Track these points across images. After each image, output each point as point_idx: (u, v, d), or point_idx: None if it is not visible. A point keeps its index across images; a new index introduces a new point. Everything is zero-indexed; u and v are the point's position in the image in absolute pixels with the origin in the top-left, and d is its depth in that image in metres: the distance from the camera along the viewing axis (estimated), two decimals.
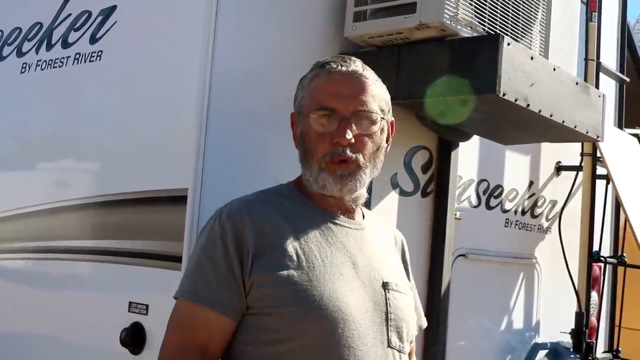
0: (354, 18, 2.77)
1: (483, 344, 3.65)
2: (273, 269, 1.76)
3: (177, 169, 2.38)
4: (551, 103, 2.77)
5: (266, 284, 1.75)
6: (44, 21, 2.99)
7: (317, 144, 1.87)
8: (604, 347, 4.55)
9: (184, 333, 1.80)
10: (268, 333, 1.75)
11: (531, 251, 3.94)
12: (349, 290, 1.80)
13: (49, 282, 2.83)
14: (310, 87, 1.93)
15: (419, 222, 3.13)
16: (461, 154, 3.24)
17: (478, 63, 2.55)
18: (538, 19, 2.98)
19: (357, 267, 1.86)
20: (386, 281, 1.89)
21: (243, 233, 1.79)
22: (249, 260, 1.77)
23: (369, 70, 1.94)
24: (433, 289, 3.11)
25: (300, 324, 1.74)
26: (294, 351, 1.74)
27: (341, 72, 1.90)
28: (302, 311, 1.74)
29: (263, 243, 1.79)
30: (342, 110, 1.86)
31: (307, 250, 1.82)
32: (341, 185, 1.86)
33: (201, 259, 1.82)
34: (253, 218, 1.83)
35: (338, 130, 1.85)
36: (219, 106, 2.38)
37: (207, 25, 2.40)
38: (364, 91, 1.89)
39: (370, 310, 1.83)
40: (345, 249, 1.88)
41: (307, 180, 1.91)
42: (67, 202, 2.72)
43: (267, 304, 1.75)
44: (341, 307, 1.76)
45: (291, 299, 1.74)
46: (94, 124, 2.72)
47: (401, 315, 1.89)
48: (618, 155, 4.21)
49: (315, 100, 1.89)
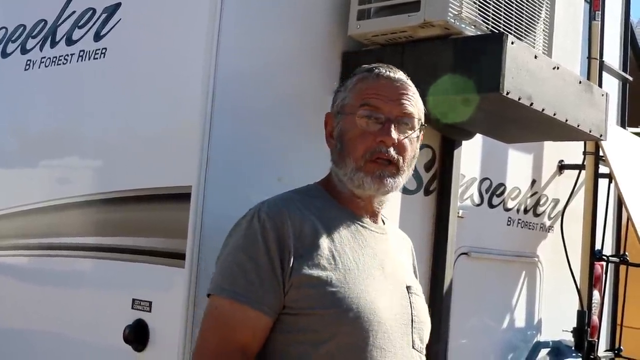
0: (358, 16, 2.77)
1: (485, 342, 3.66)
2: (312, 271, 1.78)
3: (182, 166, 2.39)
4: (554, 102, 2.77)
5: (306, 284, 1.77)
6: (48, 18, 2.99)
7: (357, 143, 1.89)
8: (605, 345, 4.55)
9: (224, 332, 1.79)
10: (307, 334, 1.77)
11: (533, 250, 3.94)
12: (380, 294, 1.84)
13: (52, 279, 2.83)
14: (356, 88, 1.96)
15: (422, 221, 3.13)
16: (464, 152, 3.24)
17: (482, 62, 2.55)
18: (541, 17, 2.98)
19: (385, 270, 1.91)
20: (409, 285, 1.96)
21: (284, 233, 1.80)
22: (290, 260, 1.78)
23: (410, 80, 1.98)
24: (435, 287, 3.12)
25: (337, 326, 1.76)
26: (331, 351, 1.76)
27: (389, 77, 1.94)
28: (340, 313, 1.76)
29: (303, 244, 1.81)
30: (387, 112, 1.90)
31: (342, 252, 1.84)
32: (379, 186, 1.89)
33: (240, 258, 1.81)
34: (292, 218, 1.84)
35: (382, 130, 1.88)
36: (223, 103, 2.38)
37: (211, 22, 2.40)
38: (407, 97, 1.93)
39: (399, 313, 1.87)
40: (374, 252, 1.91)
41: (340, 179, 1.93)
42: (71, 199, 2.72)
43: (306, 304, 1.77)
44: (375, 310, 1.80)
45: (330, 301, 1.76)
46: (98, 121, 2.72)
47: (422, 318, 1.95)
48: (621, 154, 4.21)
49: (362, 99, 1.92)
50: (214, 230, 2.18)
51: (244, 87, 2.48)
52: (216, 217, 2.27)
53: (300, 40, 2.70)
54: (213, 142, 2.35)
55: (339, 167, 1.93)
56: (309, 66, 2.72)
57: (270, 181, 2.45)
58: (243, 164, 2.44)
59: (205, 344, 1.81)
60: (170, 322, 2.32)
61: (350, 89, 1.97)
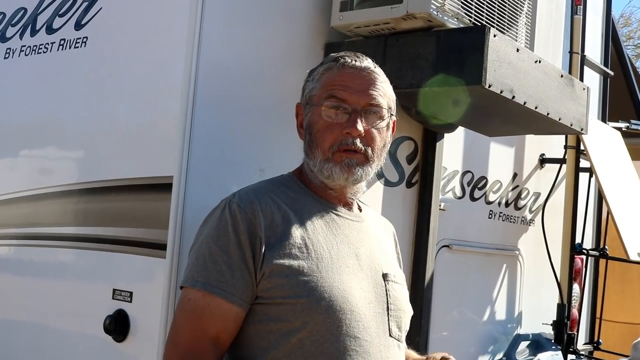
0: (341, 7, 2.77)
1: (466, 335, 3.67)
2: (284, 260, 1.78)
3: (163, 156, 2.38)
4: (536, 95, 2.78)
5: (277, 274, 1.77)
6: (29, 6, 2.96)
7: (325, 134, 1.89)
8: (585, 338, 4.59)
9: (196, 323, 1.79)
10: (278, 323, 1.77)
11: (514, 243, 3.96)
12: (354, 282, 1.84)
13: (32, 270, 2.82)
14: (322, 78, 1.95)
15: (404, 213, 3.14)
16: (446, 145, 3.25)
17: (464, 54, 2.56)
18: (524, 11, 2.99)
19: (360, 258, 1.90)
20: (385, 272, 1.94)
21: (255, 223, 1.81)
22: (261, 250, 1.79)
23: (379, 68, 1.97)
24: (417, 279, 3.13)
25: (309, 315, 1.76)
26: (303, 340, 1.76)
27: (354, 67, 1.93)
28: (312, 302, 1.76)
29: (274, 234, 1.81)
30: (353, 103, 1.89)
31: (315, 241, 1.84)
32: (348, 174, 1.88)
33: (211, 249, 1.82)
34: (263, 208, 1.84)
35: (349, 121, 1.88)
36: (205, 94, 2.38)
37: (193, 12, 2.39)
38: (375, 87, 1.92)
39: (373, 301, 1.87)
40: (348, 240, 1.91)
41: (311, 170, 1.93)
42: (52, 188, 2.71)
43: (278, 294, 1.77)
44: (348, 298, 1.80)
45: (301, 290, 1.76)
46: (79, 111, 2.71)
47: (399, 306, 1.94)
48: (601, 149, 4.23)
49: (327, 90, 1.91)
50: (195, 220, 2.17)
51: (225, 78, 2.47)
52: (197, 208, 2.26)
53: (282, 31, 2.69)
54: (194, 133, 2.34)
55: (309, 158, 1.94)
56: (292, 57, 2.71)
57: (252, 172, 2.44)
58: (224, 155, 2.44)
59: (177, 336, 1.81)
60: (151, 312, 2.31)
61: (317, 79, 1.96)
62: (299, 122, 2.02)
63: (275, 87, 2.62)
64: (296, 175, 2.02)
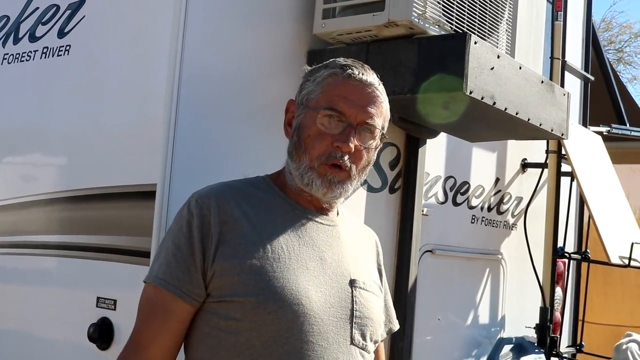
0: (323, 15, 2.78)
1: (449, 339, 3.69)
2: (236, 258, 1.76)
3: (146, 164, 2.38)
4: (517, 101, 2.81)
5: (228, 272, 1.75)
6: (11, 14, 2.96)
7: (315, 142, 1.85)
8: (567, 341, 4.62)
9: (147, 314, 1.82)
10: (228, 321, 1.75)
11: (497, 247, 3.99)
12: (314, 285, 1.80)
13: (16, 278, 2.81)
14: (324, 83, 1.89)
15: (387, 218, 3.15)
16: (428, 150, 3.27)
17: (446, 61, 2.58)
18: (504, 18, 3.01)
19: (325, 262, 1.86)
20: (354, 278, 1.89)
21: (209, 219, 1.80)
22: (212, 247, 1.78)
23: (382, 85, 1.93)
24: (400, 285, 3.14)
25: (257, 314, 1.73)
26: (251, 341, 1.73)
27: (360, 80, 1.88)
28: (261, 301, 1.73)
29: (228, 230, 1.79)
30: (350, 117, 1.85)
31: (274, 241, 1.81)
32: (327, 190, 1.85)
33: (166, 243, 1.84)
34: (221, 204, 1.82)
35: (342, 135, 1.84)
36: (188, 101, 2.38)
37: (176, 19, 2.40)
38: (375, 104, 1.88)
39: (335, 306, 1.82)
40: (314, 243, 1.87)
41: (290, 173, 1.89)
42: (35, 196, 2.71)
43: (227, 292, 1.75)
44: (302, 300, 1.75)
45: (252, 288, 1.74)
46: (62, 119, 2.71)
47: (367, 314, 1.88)
48: (582, 153, 4.27)
49: (327, 98, 1.86)
50: None
51: (208, 85, 2.48)
52: None
53: (265, 38, 2.71)
54: (178, 141, 2.35)
55: (292, 160, 1.89)
56: (274, 64, 2.72)
57: (235, 179, 2.45)
58: (208, 163, 2.44)
59: (134, 328, 1.84)
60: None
61: (319, 83, 1.90)
62: (288, 120, 1.97)
63: (258, 94, 2.64)
64: (272, 177, 1.98)
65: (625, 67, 23.53)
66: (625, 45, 23.49)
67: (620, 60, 23.16)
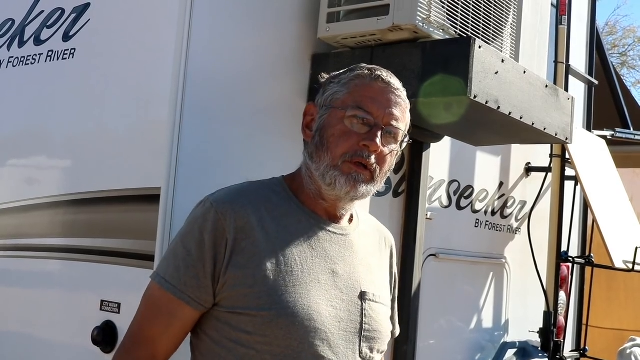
0: (328, 19, 2.78)
1: (453, 343, 3.69)
2: (250, 269, 1.75)
3: (151, 167, 2.38)
4: (521, 105, 2.81)
5: (241, 283, 1.74)
6: (16, 18, 2.97)
7: (339, 140, 1.82)
8: (571, 346, 4.61)
9: (149, 314, 1.83)
10: (240, 333, 1.74)
11: (501, 251, 3.98)
12: (325, 299, 1.79)
13: (20, 281, 2.81)
14: (351, 84, 1.88)
15: (391, 222, 3.15)
16: (432, 154, 3.27)
17: (450, 65, 2.57)
18: (509, 22, 3.01)
19: (337, 275, 1.84)
20: (364, 291, 1.88)
21: (223, 225, 1.77)
22: (225, 255, 1.76)
23: (405, 92, 1.93)
24: (404, 289, 3.13)
25: (270, 329, 1.72)
26: (263, 355, 1.73)
27: (388, 82, 1.88)
28: (273, 316, 1.72)
29: (244, 238, 1.77)
30: (377, 117, 1.84)
31: (287, 253, 1.79)
32: (351, 189, 1.82)
33: (177, 245, 1.82)
34: (237, 210, 1.79)
35: (369, 134, 1.82)
36: (193, 105, 2.38)
37: (182, 23, 2.40)
38: (400, 108, 1.89)
39: (345, 319, 1.81)
40: (326, 255, 1.85)
41: (311, 174, 1.86)
42: (40, 200, 2.71)
43: (240, 303, 1.74)
44: (313, 315, 1.75)
45: (265, 302, 1.72)
46: (67, 122, 2.71)
47: (375, 327, 1.88)
48: (586, 157, 4.27)
49: (355, 98, 1.85)
50: None
51: (213, 88, 2.48)
52: (185, 219, 2.26)
53: (270, 42, 2.71)
54: (182, 144, 2.35)
55: (313, 161, 1.85)
56: (279, 68, 2.73)
57: (240, 182, 2.45)
58: (212, 166, 2.44)
59: (133, 323, 1.85)
60: None
61: (345, 84, 1.89)
62: (307, 122, 1.94)
63: (263, 98, 2.64)
64: (287, 181, 1.95)
65: (629, 70, 23.60)
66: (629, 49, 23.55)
67: (624, 64, 23.19)
